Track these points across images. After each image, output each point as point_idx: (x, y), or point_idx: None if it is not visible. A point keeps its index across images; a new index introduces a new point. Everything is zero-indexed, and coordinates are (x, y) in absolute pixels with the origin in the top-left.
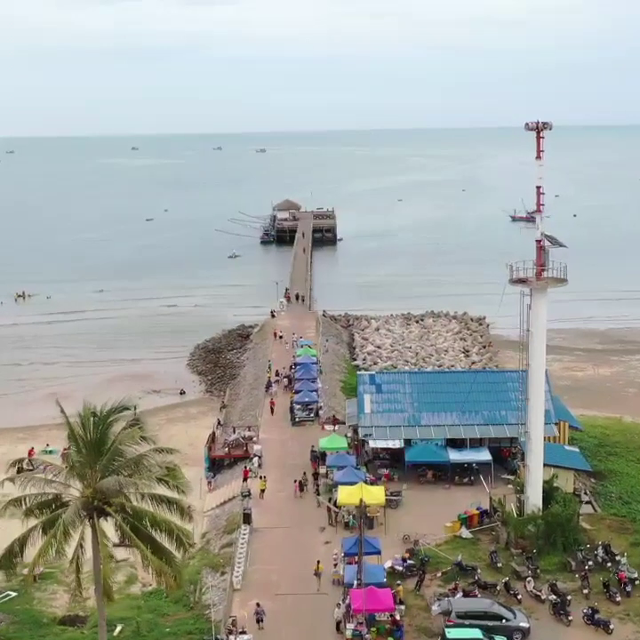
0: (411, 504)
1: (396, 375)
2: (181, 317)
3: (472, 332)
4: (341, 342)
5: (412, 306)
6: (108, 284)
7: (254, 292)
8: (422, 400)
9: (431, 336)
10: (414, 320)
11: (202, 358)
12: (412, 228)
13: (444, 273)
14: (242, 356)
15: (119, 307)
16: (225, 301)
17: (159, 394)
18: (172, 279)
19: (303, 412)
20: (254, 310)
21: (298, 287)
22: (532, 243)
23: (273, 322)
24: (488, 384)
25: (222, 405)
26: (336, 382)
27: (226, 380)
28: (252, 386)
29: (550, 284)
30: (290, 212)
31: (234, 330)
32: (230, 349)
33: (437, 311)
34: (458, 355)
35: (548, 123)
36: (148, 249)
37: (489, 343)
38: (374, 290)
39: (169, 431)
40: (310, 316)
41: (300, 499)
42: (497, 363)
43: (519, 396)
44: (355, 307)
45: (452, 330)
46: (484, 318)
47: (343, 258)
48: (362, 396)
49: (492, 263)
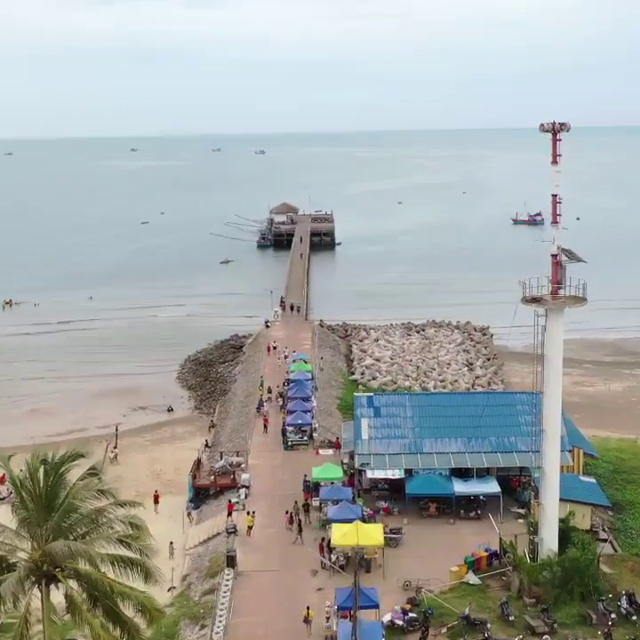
0: (412, 542)
1: (395, 397)
2: (172, 327)
3: (475, 343)
4: (338, 354)
5: (413, 314)
6: (98, 291)
7: (248, 300)
8: (424, 425)
9: (433, 348)
10: (415, 330)
11: (192, 371)
12: (412, 231)
13: (445, 279)
14: (234, 370)
15: (108, 316)
16: (217, 310)
17: (145, 410)
18: (163, 286)
19: (296, 434)
20: (248, 320)
21: (294, 295)
22: (537, 248)
23: (267, 333)
24: (496, 407)
25: (211, 425)
26: (332, 399)
27: (216, 396)
28: (242, 403)
29: (568, 303)
30: (287, 216)
31: (226, 340)
32: (222, 362)
33: (439, 320)
34: (461, 368)
35: (566, 124)
36: (141, 253)
37: (494, 355)
38: (373, 298)
39: (153, 453)
40: (306, 326)
41: (290, 532)
42: (502, 377)
43: (529, 420)
44: (353, 315)
45: (455, 341)
46: (488, 328)
47: (342, 263)
48: (359, 420)
49: (494, 268)
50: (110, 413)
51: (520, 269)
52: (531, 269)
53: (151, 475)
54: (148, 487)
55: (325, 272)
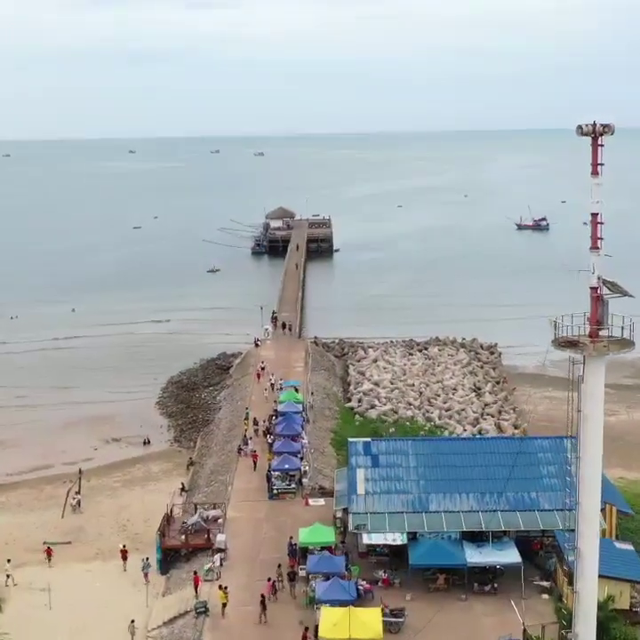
0: (416, 626)
1: (396, 443)
2: (156, 344)
3: (483, 363)
4: (334, 377)
5: (415, 331)
6: (81, 302)
7: (238, 315)
8: (430, 477)
9: (437, 369)
10: (417, 349)
11: (174, 396)
12: (412, 236)
13: (448, 290)
14: (218, 395)
15: (87, 333)
16: (204, 326)
17: (119, 443)
18: (148, 297)
19: (283, 481)
20: (236, 337)
21: (287, 309)
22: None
23: (256, 352)
24: (513, 455)
25: (189, 463)
26: (326, 433)
27: (197, 427)
28: (225, 438)
29: (612, 349)
30: (284, 221)
31: (213, 360)
32: (207, 386)
33: (443, 337)
34: (468, 394)
35: (610, 125)
36: (130, 261)
37: (503, 379)
38: (372, 312)
39: (122, 498)
40: (299, 345)
41: (273, 605)
42: (513, 404)
43: (553, 471)
44: (350, 332)
45: (461, 361)
46: (496, 345)
47: (339, 272)
48: (354, 471)
49: (499, 277)
50: (81, 446)
51: (526, 279)
52: (538, 280)
53: (117, 527)
54: (111, 543)
55: (322, 283)
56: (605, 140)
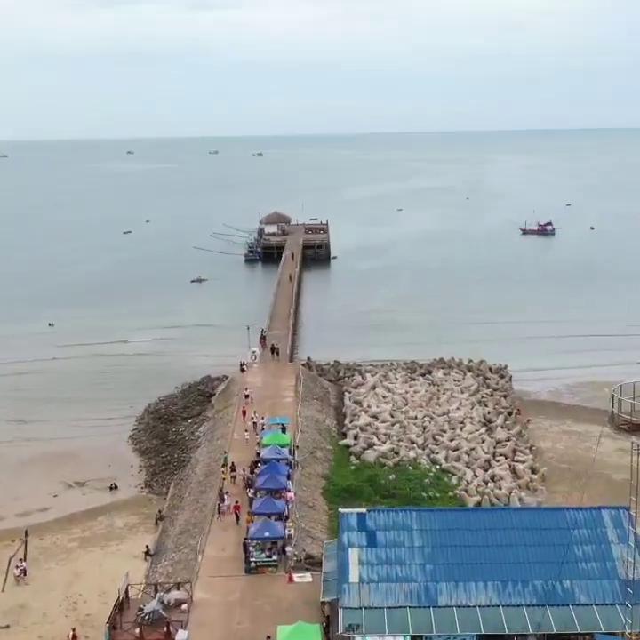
0: None
1: (398, 515)
2: (134, 366)
3: (492, 390)
4: (327, 407)
5: (417, 351)
6: (61, 315)
7: (224, 333)
8: (439, 559)
9: (442, 398)
10: (420, 372)
11: (149, 429)
12: (413, 242)
13: (452, 305)
14: (198, 429)
15: (58, 354)
16: (187, 346)
17: (83, 488)
18: (129, 312)
19: (262, 551)
20: (222, 360)
21: (278, 327)
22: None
23: (242, 379)
24: (540, 532)
25: (158, 517)
26: (316, 480)
27: (172, 469)
28: (200, 486)
29: None
30: (279, 226)
31: (195, 384)
32: (185, 417)
33: (448, 359)
34: (478, 429)
35: None
36: (114, 270)
37: (516, 410)
38: (371, 330)
39: (77, 563)
40: (289, 369)
41: None
42: (529, 440)
43: (591, 553)
44: (347, 352)
45: (469, 388)
46: (506, 367)
47: (336, 283)
48: (345, 552)
49: (505, 288)
50: (38, 493)
51: (535, 291)
52: (547, 292)
53: (66, 604)
54: (57, 628)
55: (317, 296)
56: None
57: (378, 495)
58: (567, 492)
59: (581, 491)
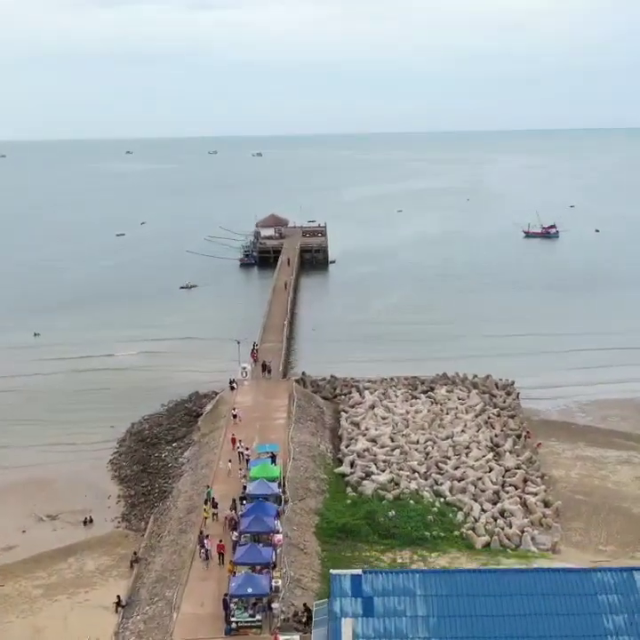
0: None
1: (399, 577)
2: (118, 380)
3: (499, 409)
4: (322, 430)
5: (419, 365)
6: (47, 324)
7: (214, 345)
8: (447, 633)
9: (445, 419)
10: (422, 389)
11: (130, 453)
12: (413, 246)
13: (455, 314)
14: (182, 455)
15: (38, 370)
16: (174, 360)
17: (55, 522)
18: (116, 321)
19: (245, 610)
20: (211, 376)
21: (272, 339)
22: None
23: (231, 398)
24: (562, 599)
25: (134, 559)
26: (308, 517)
27: (152, 501)
28: (181, 524)
29: None
30: (275, 229)
31: (182, 402)
32: (170, 440)
33: (452, 374)
34: (485, 454)
35: None
36: (104, 274)
37: (526, 433)
38: (370, 342)
39: (40, 616)
40: (282, 387)
41: None
42: (540, 468)
43: (622, 624)
44: (345, 365)
45: (474, 408)
46: (513, 384)
47: (334, 290)
48: (337, 622)
49: (510, 295)
50: (5, 527)
51: (540, 298)
52: (553, 299)
53: None
54: None
55: (314, 305)
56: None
57: (376, 535)
58: (584, 528)
59: (600, 528)
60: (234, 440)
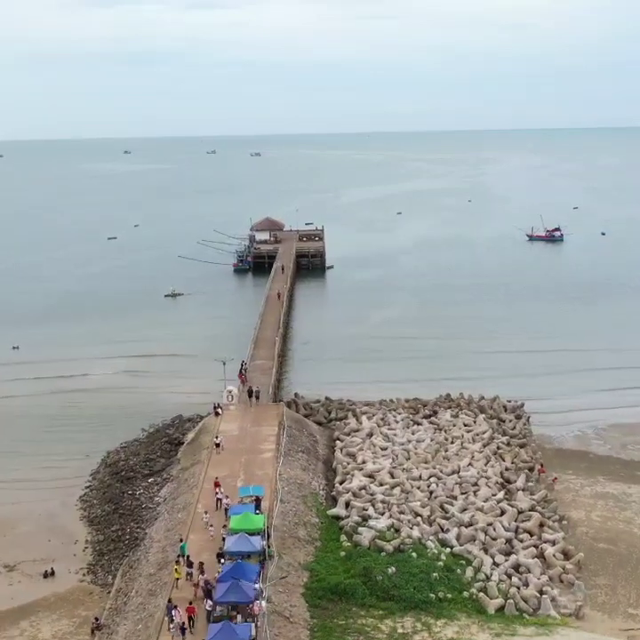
0: None
1: None
2: (95, 405)
3: (509, 437)
4: (315, 462)
5: (420, 385)
6: (28, 336)
7: (201, 362)
8: None
9: (450, 449)
10: (424, 413)
11: (103, 488)
12: (414, 250)
13: (457, 325)
14: (159, 493)
15: (8, 391)
16: (157, 380)
17: (12, 573)
18: (97, 335)
19: None
20: (196, 397)
21: (263, 356)
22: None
23: (215, 425)
24: None
25: (95, 625)
26: (296, 576)
27: (122, 550)
28: (150, 583)
29: None
30: (271, 233)
31: (164, 427)
32: (147, 474)
33: (456, 396)
34: (495, 493)
35: None
36: (91, 281)
37: (540, 467)
38: (368, 358)
39: None
40: (272, 413)
41: None
42: (558, 509)
43: None
44: (341, 385)
45: (482, 436)
46: (522, 406)
47: (331, 299)
48: None
49: (516, 305)
50: None
51: (548, 308)
52: (562, 309)
53: None
54: None
55: (309, 317)
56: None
57: (374, 597)
58: (610, 585)
59: (628, 585)
60: (217, 484)
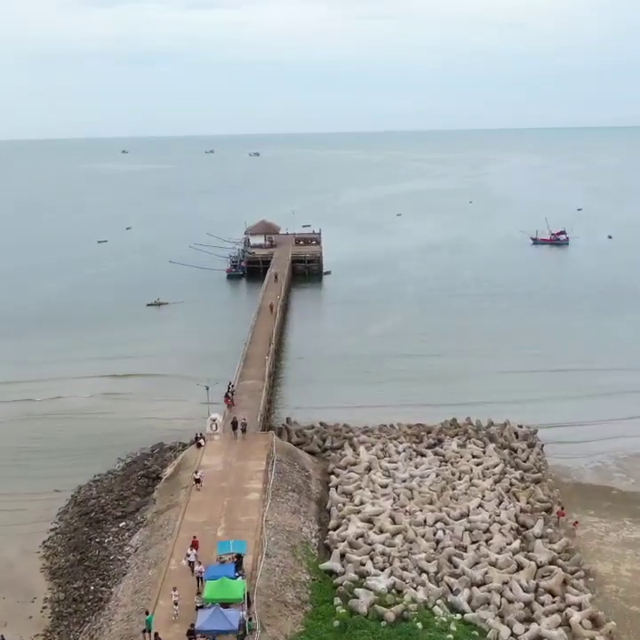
0: None
1: None
2: (68, 432)
3: (523, 471)
4: (306, 503)
5: (424, 408)
6: (4, 350)
7: (184, 383)
8: None
9: (458, 487)
10: (428, 442)
11: (69, 532)
12: (414, 255)
13: (461, 340)
14: (130, 541)
15: None
16: (135, 402)
17: None
18: (72, 353)
19: None
20: (179, 422)
21: (252, 375)
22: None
23: (196, 459)
24: None
25: None
26: None
27: (83, 613)
28: None
29: None
30: (266, 237)
31: (142, 457)
32: (119, 516)
33: (463, 421)
34: (510, 541)
35: None
36: (74, 289)
37: (559, 510)
38: (366, 379)
39: None
40: (260, 444)
41: None
42: (580, 561)
43: None
44: (337, 408)
45: (492, 469)
46: (535, 433)
47: (328, 309)
48: None
49: (523, 315)
50: None
51: (558, 318)
52: (574, 319)
53: None
54: None
55: (304, 328)
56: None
57: None
58: None
59: None
60: (195, 543)
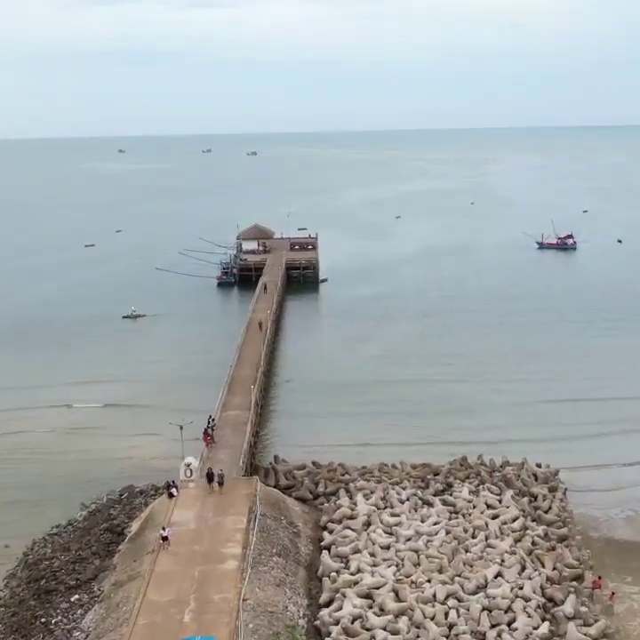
0: None
1: None
2: (25, 473)
3: (546, 525)
4: (294, 571)
5: (430, 445)
6: None
7: (158, 413)
8: None
9: (472, 549)
10: (435, 487)
11: (14, 605)
12: (415, 260)
13: (468, 360)
14: (81, 622)
15: None
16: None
17: None
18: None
19: None
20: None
21: (236, 405)
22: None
23: (167, 512)
24: None
25: None
26: None
27: None
28: None
29: None
30: (259, 242)
31: (108, 504)
32: (72, 585)
33: (474, 460)
34: (538, 623)
35: None
36: (46, 301)
37: (594, 581)
38: (366, 409)
39: None
40: (242, 493)
41: None
42: None
43: None
44: (332, 445)
45: (510, 523)
46: (557, 474)
47: (323, 323)
48: None
49: (530, 329)
50: None
51: (575, 337)
52: (591, 338)
53: None
54: None
55: (296, 347)
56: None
57: None
58: None
59: None
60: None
